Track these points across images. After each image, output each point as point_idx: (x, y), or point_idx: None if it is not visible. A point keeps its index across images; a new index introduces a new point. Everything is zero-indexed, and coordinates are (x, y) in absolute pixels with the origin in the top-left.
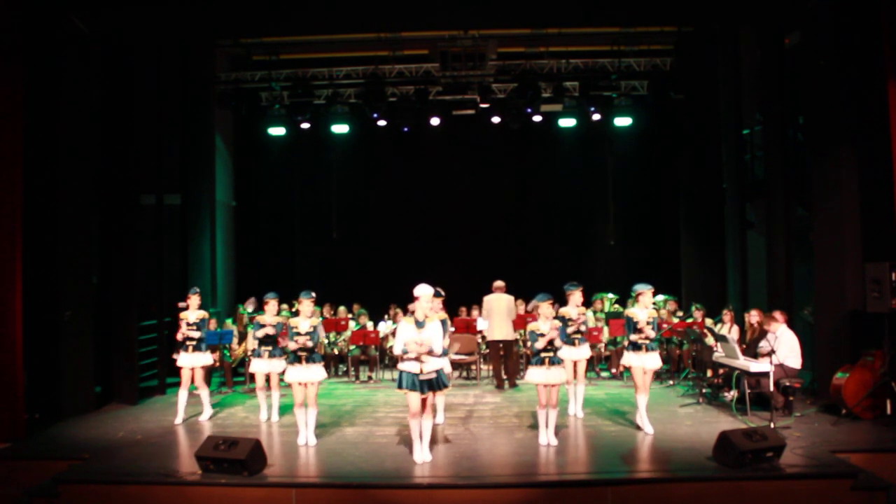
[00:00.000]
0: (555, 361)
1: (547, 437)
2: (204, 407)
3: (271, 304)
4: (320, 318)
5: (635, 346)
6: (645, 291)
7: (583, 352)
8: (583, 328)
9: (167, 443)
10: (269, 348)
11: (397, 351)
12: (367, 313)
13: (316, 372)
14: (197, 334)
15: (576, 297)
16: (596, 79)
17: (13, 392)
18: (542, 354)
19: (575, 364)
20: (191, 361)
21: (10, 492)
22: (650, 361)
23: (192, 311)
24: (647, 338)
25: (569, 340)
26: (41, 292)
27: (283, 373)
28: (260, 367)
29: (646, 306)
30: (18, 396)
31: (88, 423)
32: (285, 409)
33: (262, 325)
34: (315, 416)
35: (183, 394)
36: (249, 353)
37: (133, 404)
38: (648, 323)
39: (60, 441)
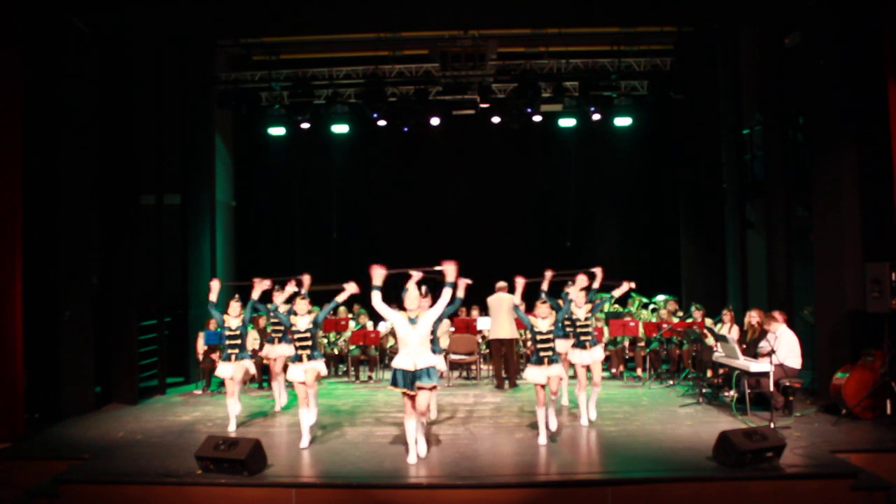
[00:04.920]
0: (553, 360)
1: (546, 437)
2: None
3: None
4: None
5: (580, 345)
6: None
7: (595, 354)
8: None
9: (167, 443)
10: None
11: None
12: (367, 313)
13: (315, 366)
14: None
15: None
16: (596, 79)
17: (13, 392)
18: (542, 353)
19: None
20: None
21: (10, 492)
22: (591, 356)
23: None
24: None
25: (564, 334)
26: (41, 292)
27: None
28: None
29: (579, 305)
30: (18, 396)
31: (88, 423)
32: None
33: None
34: (313, 416)
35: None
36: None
37: (133, 404)
38: (587, 319)
39: (60, 441)
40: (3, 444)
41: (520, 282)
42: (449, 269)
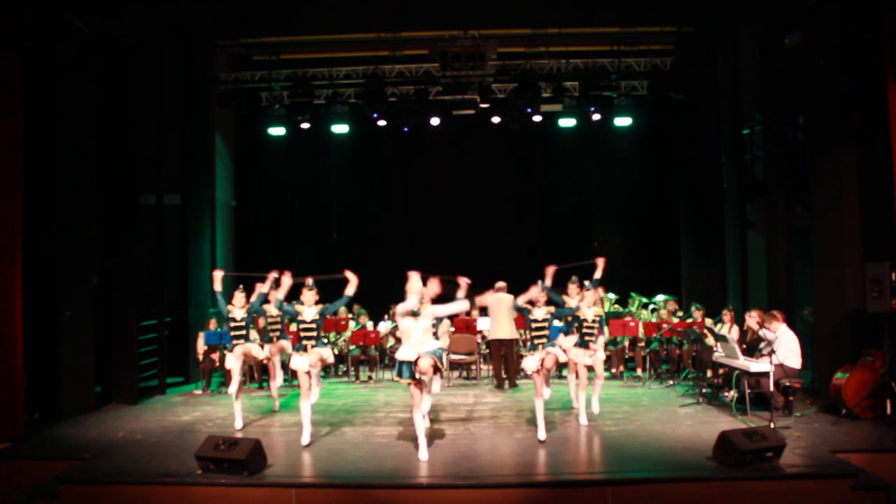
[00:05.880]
0: (548, 347)
1: (545, 433)
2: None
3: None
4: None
5: (583, 344)
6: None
7: (598, 354)
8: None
9: (167, 443)
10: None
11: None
12: (367, 313)
13: (319, 350)
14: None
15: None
16: (596, 79)
17: (13, 392)
18: (536, 341)
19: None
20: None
21: (10, 492)
22: (593, 356)
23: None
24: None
25: (568, 330)
26: (41, 292)
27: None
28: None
29: (589, 305)
30: (18, 396)
31: (88, 423)
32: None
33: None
34: (316, 396)
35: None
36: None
37: (133, 404)
38: (594, 320)
39: (60, 441)
40: (3, 444)
41: (549, 270)
42: (462, 284)
